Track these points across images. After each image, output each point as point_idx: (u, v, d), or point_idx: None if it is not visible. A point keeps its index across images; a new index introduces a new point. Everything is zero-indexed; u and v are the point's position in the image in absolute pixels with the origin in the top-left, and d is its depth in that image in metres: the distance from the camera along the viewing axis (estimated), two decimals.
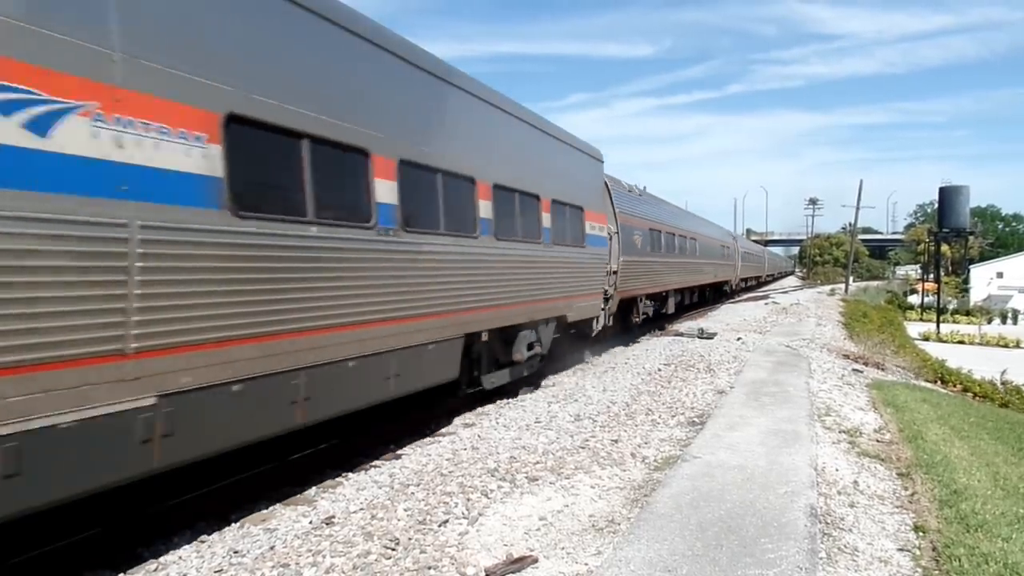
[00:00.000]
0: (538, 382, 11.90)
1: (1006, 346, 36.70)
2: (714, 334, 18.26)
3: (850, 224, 74.78)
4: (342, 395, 6.75)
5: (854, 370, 13.62)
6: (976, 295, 66.12)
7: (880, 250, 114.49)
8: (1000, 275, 70.52)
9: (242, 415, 5.48)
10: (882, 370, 15.39)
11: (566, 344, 13.50)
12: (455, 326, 8.70)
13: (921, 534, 5.05)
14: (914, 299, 58.89)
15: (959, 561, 4.47)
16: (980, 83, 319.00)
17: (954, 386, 17.84)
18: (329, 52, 6.66)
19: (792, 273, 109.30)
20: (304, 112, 6.10)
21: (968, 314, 52.26)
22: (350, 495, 6.10)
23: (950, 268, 71.47)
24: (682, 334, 18.65)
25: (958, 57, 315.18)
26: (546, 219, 11.58)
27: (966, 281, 70.08)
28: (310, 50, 6.34)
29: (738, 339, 17.16)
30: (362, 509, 5.60)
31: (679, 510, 5.14)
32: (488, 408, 9.96)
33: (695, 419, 8.38)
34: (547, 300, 11.66)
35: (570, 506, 5.48)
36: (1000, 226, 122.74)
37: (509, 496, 5.74)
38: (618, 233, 16.71)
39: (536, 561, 4.48)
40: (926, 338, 36.20)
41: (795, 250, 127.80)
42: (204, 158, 5.03)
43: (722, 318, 25.11)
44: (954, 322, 46.50)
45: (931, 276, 57.13)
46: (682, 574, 4.10)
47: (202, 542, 5.35)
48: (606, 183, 16.39)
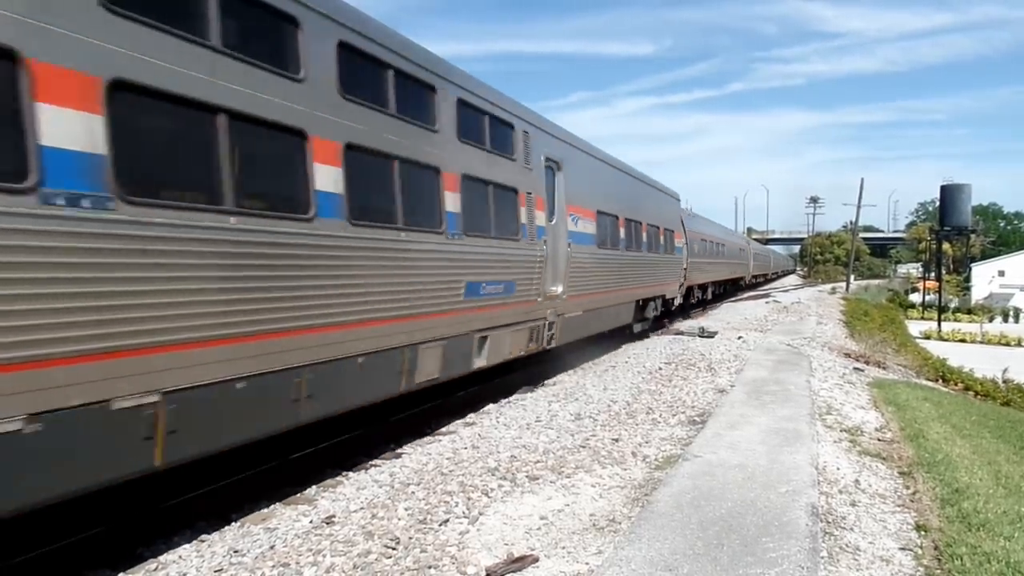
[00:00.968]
0: (538, 380, 11.89)
1: (1007, 344, 36.63)
2: (715, 333, 18.23)
3: (851, 222, 74.80)
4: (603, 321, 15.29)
5: (855, 369, 13.60)
6: (977, 293, 66.02)
7: (881, 248, 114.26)
8: (1002, 273, 70.42)
9: None
10: (883, 369, 15.37)
11: (661, 310, 20.95)
12: (633, 297, 17.24)
13: (923, 533, 5.04)
14: (915, 297, 58.79)
15: (961, 560, 4.46)
16: (981, 81, 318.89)
17: (955, 384, 17.81)
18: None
19: (793, 271, 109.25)
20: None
21: (970, 312, 52.17)
22: (350, 494, 6.09)
23: (951, 266, 71.42)
24: (683, 333, 18.63)
25: (959, 55, 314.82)
26: (661, 239, 20.12)
27: (967, 279, 69.99)
28: None
29: (739, 338, 17.14)
30: (362, 508, 5.59)
31: (680, 509, 5.12)
32: (489, 407, 9.95)
33: (696, 418, 8.37)
34: (658, 285, 19.64)
35: (571, 505, 5.47)
36: (1002, 224, 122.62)
37: (510, 495, 5.73)
38: (686, 244, 24.29)
39: (537, 560, 4.47)
40: (927, 336, 36.13)
41: (796, 248, 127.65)
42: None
43: (723, 316, 25.09)
44: (955, 320, 46.42)
45: (932, 274, 57.05)
46: (683, 573, 4.09)
47: (202, 541, 5.34)
48: (677, 209, 24.17)
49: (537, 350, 11.19)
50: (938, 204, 51.11)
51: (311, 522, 5.41)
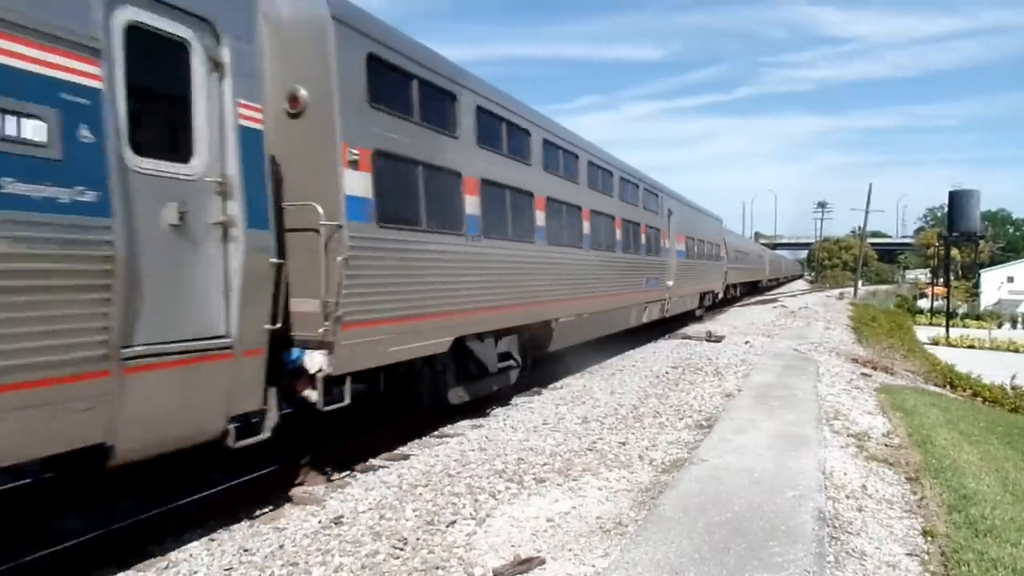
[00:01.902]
0: (546, 383, 11.91)
1: (1016, 351, 36.48)
2: (722, 337, 18.23)
3: (859, 228, 74.55)
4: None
5: (863, 374, 13.58)
6: (986, 299, 65.76)
7: (889, 254, 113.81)
8: (1011, 279, 70.11)
9: None
10: (891, 374, 15.34)
11: (711, 302, 28.29)
12: (699, 290, 24.72)
13: (930, 539, 5.05)
14: (923, 303, 58.59)
15: (968, 566, 4.47)
16: (990, 87, 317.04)
17: (963, 391, 17.75)
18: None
19: (801, 276, 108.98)
20: None
21: (978, 318, 51.99)
22: (359, 495, 6.13)
23: (960, 272, 71.10)
24: (690, 337, 18.62)
25: (968, 61, 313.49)
26: (712, 252, 27.44)
27: (976, 285, 69.70)
28: None
29: (746, 342, 17.12)
30: (370, 509, 5.63)
31: (686, 513, 5.14)
32: (496, 409, 9.98)
33: (703, 422, 8.38)
34: (711, 283, 27.13)
35: (577, 508, 5.49)
36: (1011, 230, 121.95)
37: (517, 497, 5.76)
38: (726, 254, 31.44)
39: (544, 562, 4.50)
40: (935, 342, 36.02)
41: (803, 253, 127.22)
42: None
43: (730, 321, 25.06)
44: (964, 326, 46.24)
45: (941, 280, 56.79)
46: None
47: (212, 540, 5.38)
48: (720, 228, 31.44)
49: (660, 317, 19.22)
50: (947, 210, 50.90)
51: (320, 522, 5.45)
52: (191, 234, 4.94)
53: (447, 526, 5.16)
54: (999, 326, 49.33)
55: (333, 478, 6.96)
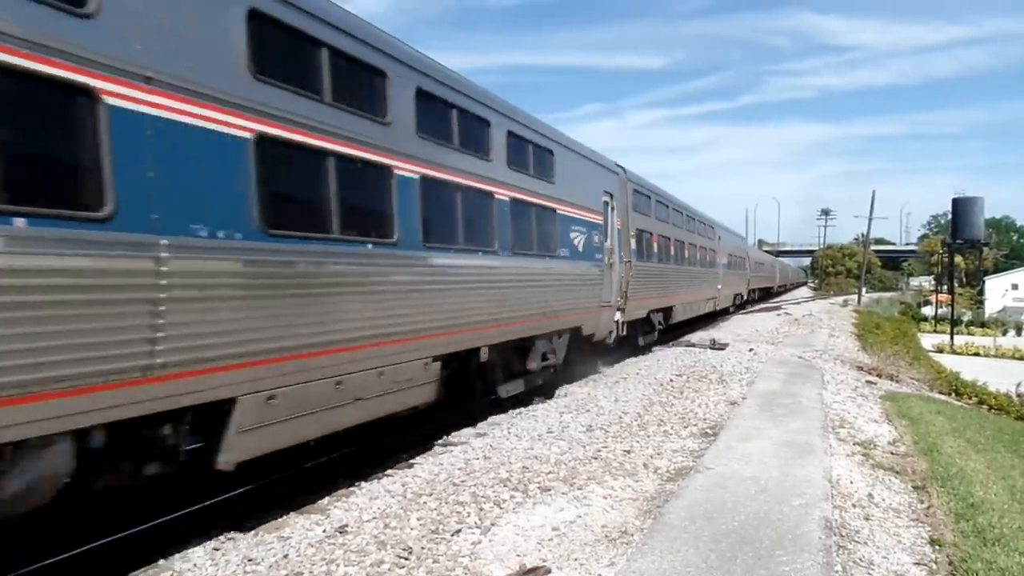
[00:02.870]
0: (550, 392, 11.89)
1: (1021, 358, 36.28)
2: (726, 345, 18.19)
3: (863, 235, 74.48)
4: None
5: (868, 382, 13.53)
6: (991, 307, 65.48)
7: (893, 261, 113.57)
8: (1015, 287, 69.83)
9: None
10: (896, 382, 15.27)
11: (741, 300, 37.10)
12: (733, 292, 33.98)
13: (937, 548, 5.01)
14: (928, 311, 58.38)
15: (976, 575, 4.43)
16: (994, 94, 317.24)
17: (969, 398, 17.68)
18: None
19: (805, 284, 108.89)
20: None
21: (983, 326, 51.73)
22: (363, 504, 6.11)
23: (964, 280, 70.93)
24: (694, 345, 18.58)
25: (971, 69, 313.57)
26: (739, 263, 36.23)
27: (980, 293, 69.47)
28: None
29: (750, 350, 17.08)
30: (375, 518, 5.61)
31: (692, 521, 5.12)
32: (500, 418, 9.96)
33: (708, 430, 8.35)
34: (739, 288, 36.29)
35: (583, 516, 5.47)
36: (1015, 237, 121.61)
37: (522, 506, 5.74)
38: (749, 265, 39.80)
39: (549, 572, 4.48)
40: (940, 350, 35.86)
41: (806, 261, 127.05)
42: None
43: (734, 329, 25.01)
44: (968, 334, 46.03)
45: (945, 288, 56.65)
46: None
47: (216, 550, 5.37)
48: (734, 241, 37.26)
49: (712, 310, 27.74)
50: (950, 217, 50.81)
51: (324, 531, 5.43)
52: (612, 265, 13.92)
53: (452, 535, 5.14)
54: (1004, 333, 49.06)
55: (337, 487, 6.94)
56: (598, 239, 13.28)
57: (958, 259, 60.42)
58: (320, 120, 6.17)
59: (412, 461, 7.83)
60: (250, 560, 4.99)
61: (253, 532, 5.72)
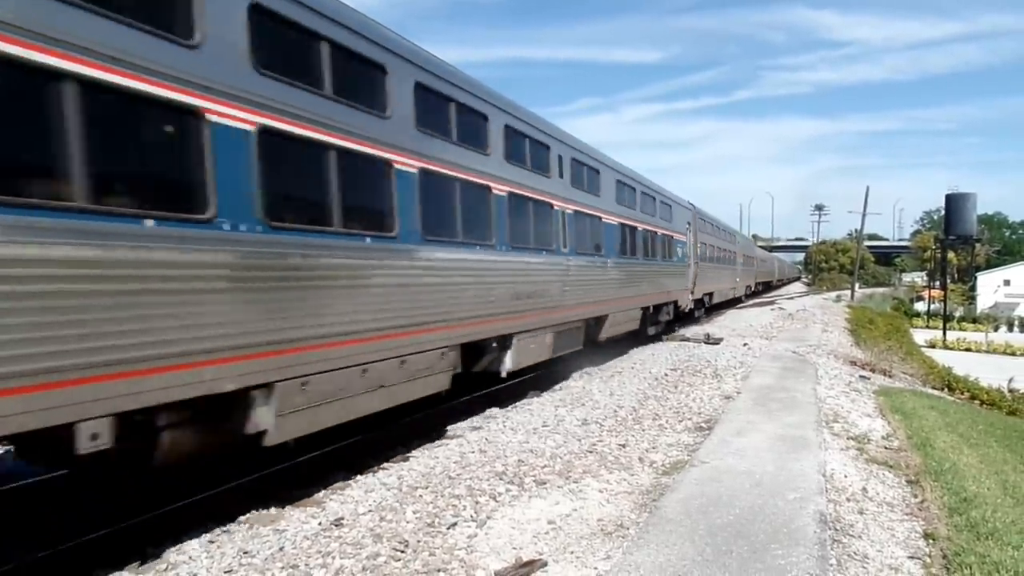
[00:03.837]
0: (545, 386, 11.91)
1: (1013, 354, 36.53)
2: (720, 339, 18.23)
3: (856, 231, 74.72)
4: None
5: (861, 376, 13.59)
6: (983, 302, 65.88)
7: (886, 257, 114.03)
8: (1007, 283, 70.24)
9: None
10: (889, 377, 15.34)
11: (751, 291, 46.35)
12: (746, 283, 42.06)
13: (931, 541, 5.04)
14: (920, 306, 58.67)
15: (970, 569, 4.46)
16: (988, 91, 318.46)
17: (961, 393, 17.77)
18: None
19: (798, 279, 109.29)
20: None
21: (975, 321, 52.05)
22: (359, 497, 6.10)
23: (956, 275, 71.27)
24: (688, 339, 18.62)
25: (967, 65, 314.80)
26: (747, 263, 42.78)
27: (973, 288, 69.84)
28: None
29: (744, 344, 17.13)
30: (371, 511, 5.61)
31: (688, 515, 5.13)
32: (495, 411, 9.96)
33: (702, 424, 8.37)
34: (747, 281, 42.91)
35: (578, 510, 5.48)
36: (1007, 233, 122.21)
37: (517, 499, 5.74)
38: (756, 263, 46.87)
39: (545, 565, 4.48)
40: (932, 345, 36.06)
41: (800, 256, 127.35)
42: None
43: (728, 323, 25.07)
44: (961, 329, 46.31)
45: (937, 283, 56.92)
46: None
47: (212, 542, 5.35)
48: (747, 244, 47.79)
49: (735, 296, 36.91)
50: (943, 213, 51.00)
51: (320, 524, 5.42)
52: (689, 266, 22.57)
53: (448, 528, 5.14)
54: (995, 329, 49.37)
55: (332, 480, 6.94)
56: (684, 251, 22.79)
57: (951, 255, 60.72)
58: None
59: (408, 454, 7.83)
60: (245, 552, 4.98)
61: (248, 525, 5.71)
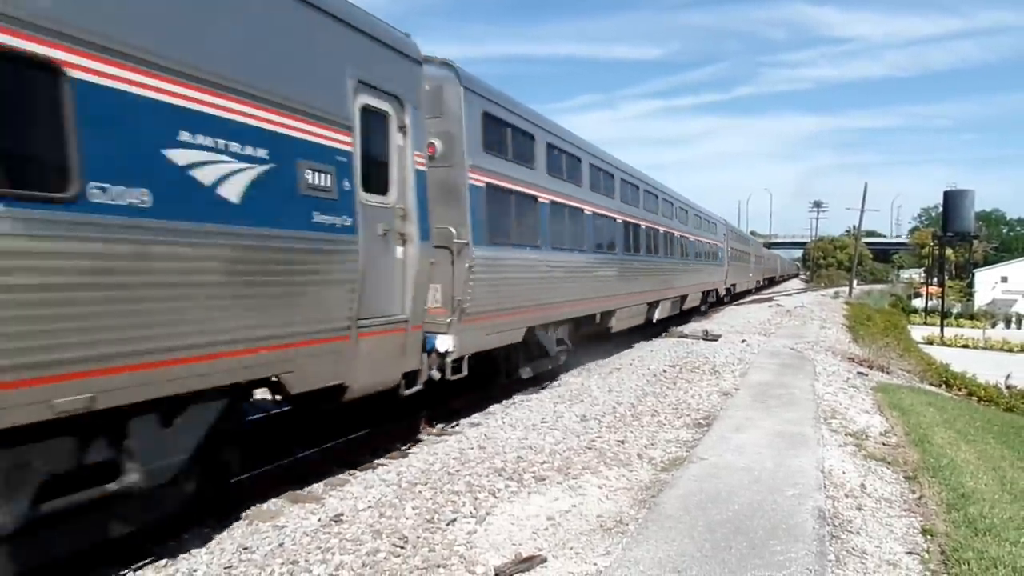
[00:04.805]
0: (542, 382, 11.91)
1: (1010, 350, 36.62)
2: (718, 336, 18.25)
3: (854, 227, 74.79)
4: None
5: (859, 373, 13.61)
6: (980, 299, 65.96)
7: (884, 253, 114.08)
8: (1005, 279, 70.37)
9: None
10: (887, 373, 15.37)
11: (761, 285, 56.07)
12: (757, 278, 51.34)
13: (929, 537, 5.06)
14: (918, 303, 58.75)
15: (968, 565, 4.47)
16: (988, 87, 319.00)
17: (959, 390, 17.81)
18: None
19: (797, 275, 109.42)
20: None
21: (972, 318, 52.15)
22: (358, 493, 6.11)
23: (954, 272, 71.35)
24: (687, 336, 18.64)
25: (966, 61, 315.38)
26: (759, 260, 53.36)
27: (970, 285, 69.91)
28: None
29: (743, 341, 17.15)
30: (370, 507, 5.61)
31: (687, 511, 5.15)
32: (494, 408, 9.97)
33: (701, 421, 8.38)
34: (758, 276, 52.10)
35: (578, 506, 5.49)
36: (1005, 230, 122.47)
37: (517, 495, 5.75)
38: (764, 261, 58.83)
39: (545, 560, 4.50)
40: (930, 342, 36.11)
41: (798, 252, 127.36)
42: None
43: (726, 320, 25.10)
44: (958, 326, 46.39)
45: (935, 280, 57.00)
46: (692, 575, 4.11)
47: (211, 539, 5.36)
48: (758, 246, 57.30)
49: (748, 288, 44.15)
50: (941, 209, 51.07)
51: (319, 520, 5.43)
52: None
53: (447, 524, 5.15)
54: (993, 326, 49.44)
55: (332, 476, 6.94)
56: (721, 254, 31.14)
57: (948, 252, 60.79)
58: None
59: (407, 450, 7.85)
60: (245, 548, 4.98)
61: (248, 521, 5.71)
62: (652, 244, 18.46)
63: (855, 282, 63.21)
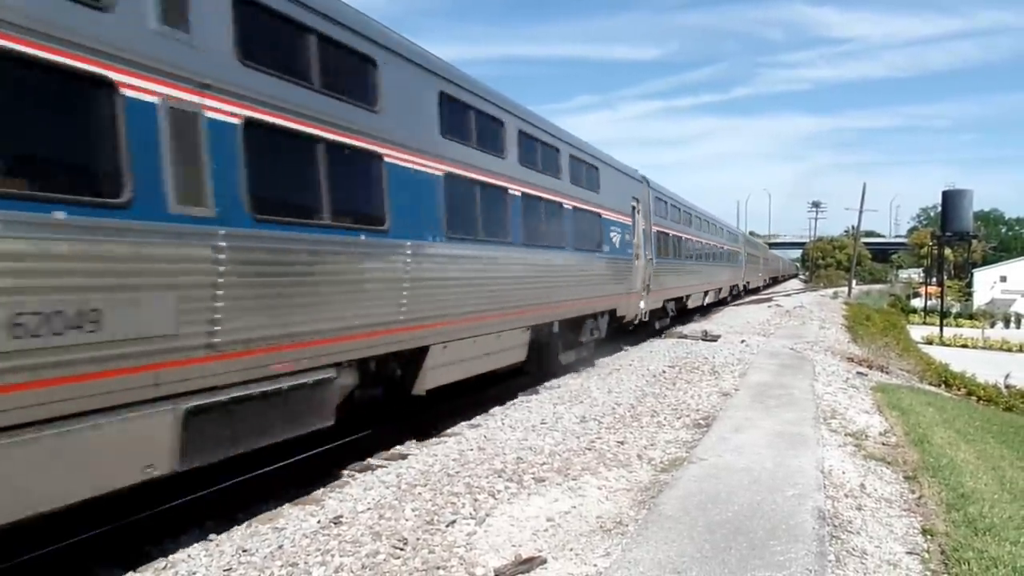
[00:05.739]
0: (542, 383, 11.91)
1: (1009, 350, 36.68)
2: (718, 336, 18.26)
3: (853, 227, 74.88)
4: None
5: (858, 373, 13.62)
6: (979, 299, 66.04)
7: (883, 253, 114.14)
8: (1003, 279, 70.49)
9: None
10: (886, 373, 15.38)
11: (766, 284, 64.25)
12: (762, 278, 58.39)
13: (929, 537, 5.05)
14: (917, 303, 58.82)
15: (968, 564, 4.47)
16: (986, 87, 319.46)
17: (958, 390, 17.83)
18: None
19: (796, 276, 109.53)
20: None
21: (971, 318, 52.23)
22: (357, 495, 6.10)
23: (953, 272, 71.44)
24: (686, 336, 18.65)
25: (964, 62, 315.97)
26: (767, 262, 63.77)
27: (969, 285, 70.01)
28: None
29: (742, 342, 17.16)
30: (370, 509, 5.61)
31: (687, 512, 5.14)
32: (494, 409, 9.97)
33: (700, 421, 8.38)
34: (765, 275, 61.19)
35: (577, 507, 5.48)
36: (1003, 230, 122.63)
37: (516, 497, 5.75)
38: (769, 262, 65.74)
39: (545, 562, 4.49)
40: (929, 342, 36.15)
41: (797, 253, 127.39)
42: None
43: (726, 320, 25.11)
44: (957, 326, 46.46)
45: (934, 280, 57.04)
46: None
47: (210, 541, 5.35)
48: (765, 250, 66.11)
49: (759, 286, 54.40)
50: (940, 209, 51.13)
51: (319, 522, 5.42)
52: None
53: (447, 526, 5.14)
54: (992, 325, 49.52)
55: (331, 478, 6.94)
56: (741, 258, 39.47)
57: (947, 251, 60.85)
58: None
59: (406, 452, 7.84)
60: (245, 551, 4.98)
61: (247, 523, 5.71)
62: (710, 255, 29.49)
63: (854, 282, 63.25)
